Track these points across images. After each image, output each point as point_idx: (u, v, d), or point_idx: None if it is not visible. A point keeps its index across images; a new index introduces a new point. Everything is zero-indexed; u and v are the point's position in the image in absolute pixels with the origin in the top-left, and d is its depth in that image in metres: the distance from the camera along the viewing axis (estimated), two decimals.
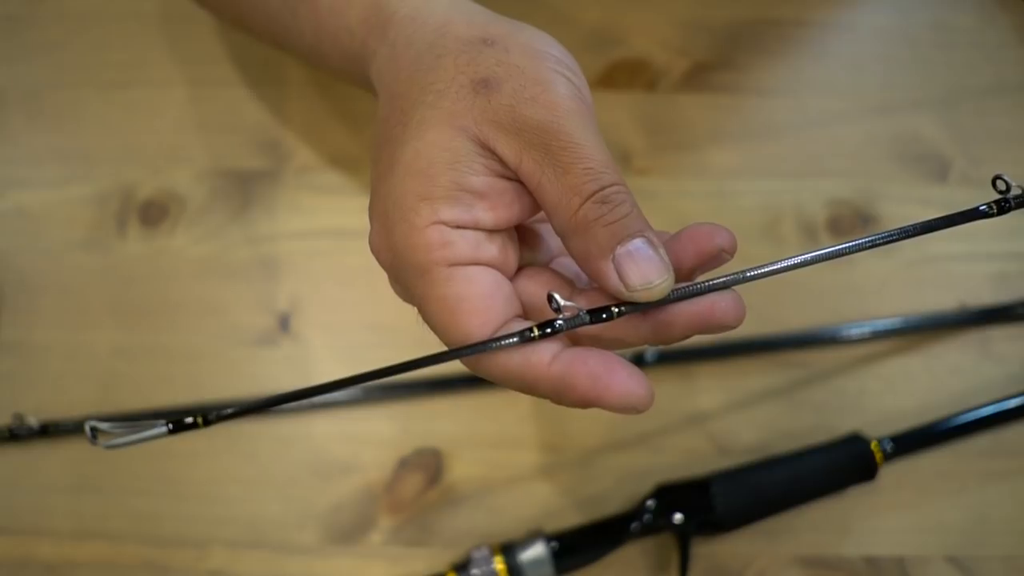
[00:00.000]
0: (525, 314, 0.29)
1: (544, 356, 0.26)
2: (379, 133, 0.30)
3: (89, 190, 0.50)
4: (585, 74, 0.30)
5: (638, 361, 0.46)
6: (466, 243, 0.27)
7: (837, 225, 0.50)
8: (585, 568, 0.43)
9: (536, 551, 0.41)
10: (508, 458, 0.46)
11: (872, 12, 0.55)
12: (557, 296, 0.25)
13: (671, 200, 0.50)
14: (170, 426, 0.26)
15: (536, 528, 0.43)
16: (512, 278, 0.29)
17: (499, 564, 0.41)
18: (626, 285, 0.25)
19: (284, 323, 0.48)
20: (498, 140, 0.27)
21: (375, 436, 0.46)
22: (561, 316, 0.26)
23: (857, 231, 0.50)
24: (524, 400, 0.45)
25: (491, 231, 0.28)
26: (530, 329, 0.26)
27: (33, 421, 0.45)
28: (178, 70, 0.52)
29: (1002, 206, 0.27)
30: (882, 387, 0.47)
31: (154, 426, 0.26)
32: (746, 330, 0.48)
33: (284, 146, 0.51)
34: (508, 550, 0.42)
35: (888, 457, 0.44)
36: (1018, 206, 0.27)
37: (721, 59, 0.53)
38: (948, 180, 0.51)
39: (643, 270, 0.25)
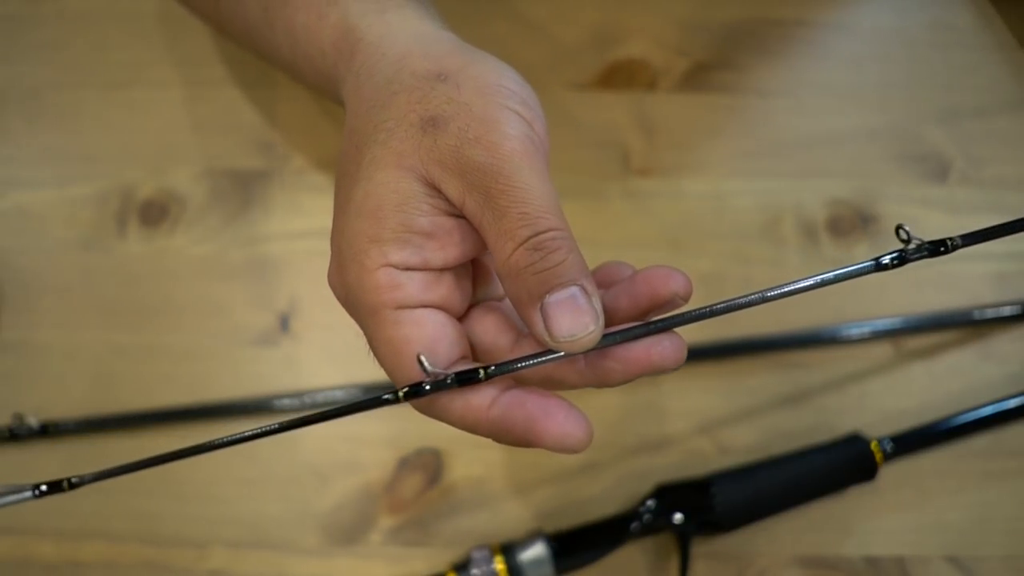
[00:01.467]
0: (473, 353, 0.29)
1: (484, 400, 0.27)
2: (339, 165, 0.30)
3: (89, 190, 0.50)
4: (585, 74, 0.30)
5: None
6: (414, 285, 0.27)
7: (837, 225, 0.50)
8: (585, 568, 0.43)
9: (536, 551, 0.41)
10: (508, 458, 0.46)
11: (872, 12, 0.55)
12: (424, 360, 0.26)
13: (671, 200, 0.50)
14: (38, 491, 0.28)
15: (536, 528, 0.43)
16: (464, 315, 0.30)
17: (499, 564, 0.41)
18: (551, 335, 0.25)
19: (284, 323, 0.48)
20: (443, 180, 0.27)
21: (375, 436, 0.46)
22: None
23: (857, 231, 0.50)
24: None
25: (442, 269, 0.28)
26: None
27: (33, 421, 0.45)
28: (178, 71, 0.52)
29: (902, 257, 0.26)
30: (882, 387, 0.47)
31: (19, 490, 0.27)
32: (746, 330, 0.48)
33: (283, 146, 0.51)
34: (508, 550, 0.42)
35: (888, 457, 0.44)
36: (917, 258, 0.26)
37: (721, 59, 0.53)
38: (948, 180, 0.51)
39: (569, 321, 0.25)
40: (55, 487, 0.27)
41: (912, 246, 0.26)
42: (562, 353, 0.26)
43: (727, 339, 0.47)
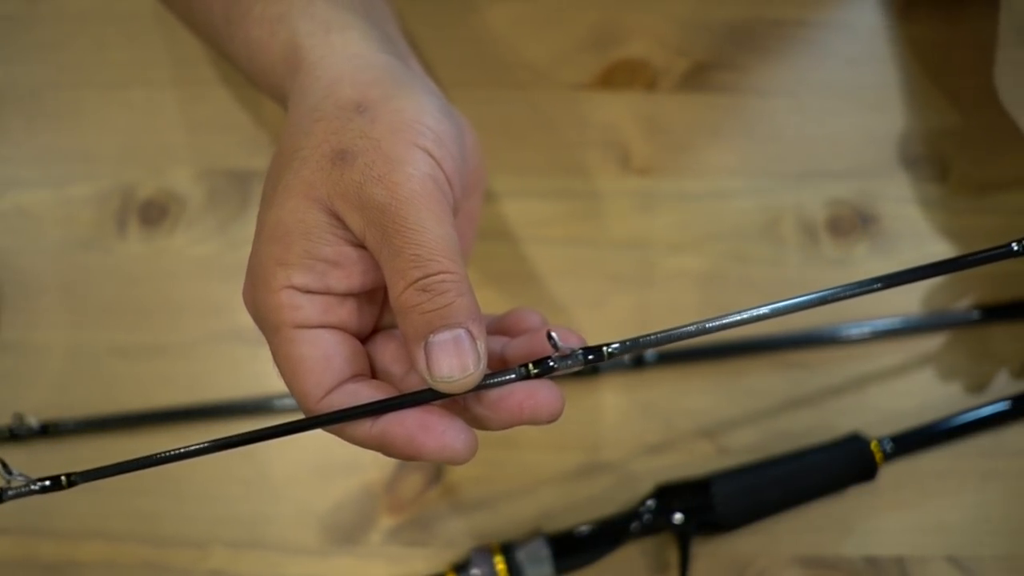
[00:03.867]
0: (375, 375, 0.30)
1: (366, 419, 0.28)
2: (264, 186, 0.31)
3: (89, 190, 0.50)
4: (585, 74, 0.30)
5: (638, 362, 0.46)
6: (314, 308, 0.28)
7: (837, 225, 0.50)
8: (585, 568, 0.43)
9: (536, 551, 0.41)
10: (508, 458, 0.46)
11: (872, 12, 0.55)
12: None
13: (671, 200, 0.50)
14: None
15: (536, 528, 0.43)
16: (368, 337, 0.31)
17: (499, 564, 0.41)
18: (431, 374, 0.26)
19: None
20: (346, 214, 0.28)
21: None
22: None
23: (857, 231, 0.50)
24: None
25: (344, 295, 0.29)
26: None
27: (33, 421, 0.45)
28: (178, 70, 0.52)
29: (544, 367, 0.27)
30: (882, 387, 0.47)
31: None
32: (746, 330, 0.48)
33: None
34: (508, 550, 0.42)
35: (888, 457, 0.44)
36: (562, 368, 0.27)
37: (721, 59, 0.53)
38: (948, 180, 0.51)
39: (448, 362, 0.26)
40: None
41: (561, 354, 0.27)
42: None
43: (727, 339, 0.47)
